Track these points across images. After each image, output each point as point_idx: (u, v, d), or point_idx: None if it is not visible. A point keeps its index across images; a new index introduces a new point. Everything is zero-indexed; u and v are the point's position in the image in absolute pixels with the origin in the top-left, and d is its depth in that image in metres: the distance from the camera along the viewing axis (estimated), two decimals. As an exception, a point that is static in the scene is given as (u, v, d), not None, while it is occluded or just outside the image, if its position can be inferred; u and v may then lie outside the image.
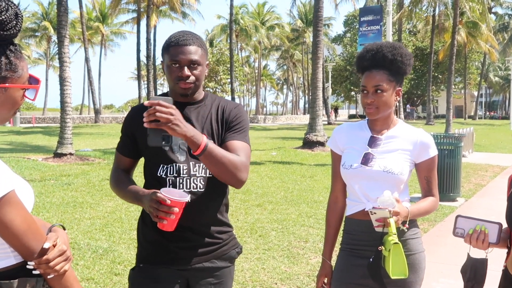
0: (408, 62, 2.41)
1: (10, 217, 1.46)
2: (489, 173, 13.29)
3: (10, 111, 1.62)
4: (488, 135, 29.01)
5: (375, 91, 2.36)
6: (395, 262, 2.14)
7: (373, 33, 20.08)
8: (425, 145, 2.42)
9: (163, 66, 2.30)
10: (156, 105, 1.89)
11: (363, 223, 2.38)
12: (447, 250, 5.87)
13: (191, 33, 2.27)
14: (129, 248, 5.79)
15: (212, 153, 2.03)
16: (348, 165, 2.42)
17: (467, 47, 49.21)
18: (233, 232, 2.42)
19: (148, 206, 2.07)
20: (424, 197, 2.48)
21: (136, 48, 38.65)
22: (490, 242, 2.10)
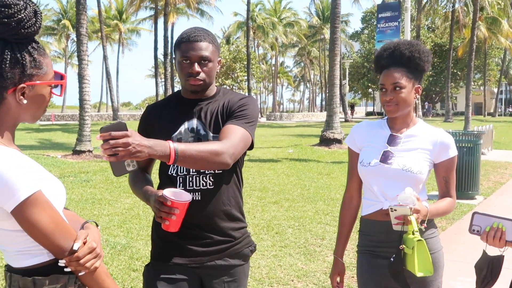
0: (426, 59, 2.39)
1: (38, 217, 1.49)
2: (508, 171, 13.12)
3: (40, 108, 1.65)
4: (508, 133, 28.61)
5: (393, 88, 2.34)
6: (420, 260, 2.11)
7: (391, 29, 19.95)
8: (445, 145, 2.40)
9: (175, 63, 2.30)
10: (108, 137, 1.67)
11: (381, 224, 2.36)
12: (465, 248, 5.82)
13: (203, 29, 2.27)
14: (146, 244, 5.84)
15: (186, 154, 1.90)
16: (367, 163, 2.40)
17: (487, 43, 48.57)
18: (247, 229, 2.41)
19: (152, 207, 2.10)
20: (441, 198, 2.46)
21: (154, 46, 38.83)
22: (507, 240, 2.07)
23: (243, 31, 61.76)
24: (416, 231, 2.12)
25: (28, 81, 1.57)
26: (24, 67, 1.56)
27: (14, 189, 1.45)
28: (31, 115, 1.64)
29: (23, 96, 1.58)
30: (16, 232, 1.53)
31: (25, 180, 1.47)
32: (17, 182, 1.45)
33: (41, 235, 1.51)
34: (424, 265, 2.12)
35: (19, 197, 1.45)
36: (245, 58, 40.43)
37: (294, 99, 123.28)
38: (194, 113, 2.29)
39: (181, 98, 2.34)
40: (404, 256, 2.19)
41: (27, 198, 1.46)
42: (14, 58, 1.54)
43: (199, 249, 2.26)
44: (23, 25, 1.53)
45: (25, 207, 1.47)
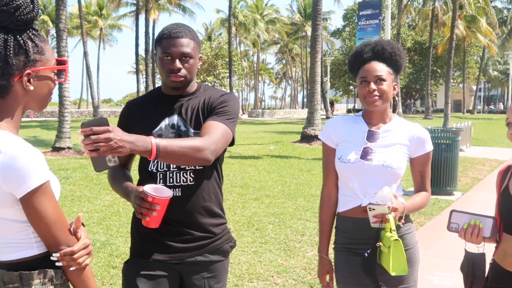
0: (404, 58, 2.44)
1: (45, 206, 1.53)
2: (486, 167, 13.32)
3: (46, 96, 1.67)
4: (486, 130, 29.02)
5: (376, 80, 2.35)
6: (395, 259, 2.13)
7: (372, 27, 20.07)
8: (422, 140, 2.42)
9: (156, 59, 2.29)
10: (89, 132, 1.65)
11: (359, 221, 2.35)
12: (443, 244, 5.90)
13: (184, 26, 2.26)
14: (126, 241, 5.81)
15: (168, 150, 1.89)
16: (346, 159, 2.38)
17: (466, 41, 49.17)
18: (226, 225, 2.41)
19: (132, 203, 2.09)
20: (417, 192, 2.48)
21: (135, 42, 38.58)
22: (484, 237, 2.11)
23: (225, 27, 61.63)
24: (393, 230, 2.14)
25: (33, 67, 1.59)
26: (28, 53, 1.57)
27: (26, 176, 1.48)
28: (37, 103, 1.66)
29: (29, 83, 1.59)
30: (14, 223, 1.55)
31: (38, 168, 1.50)
32: (30, 170, 1.48)
33: (43, 225, 1.54)
34: (399, 265, 2.14)
35: (31, 184, 1.49)
36: (227, 55, 40.35)
37: (276, 96, 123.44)
38: (174, 109, 2.29)
39: (162, 94, 2.34)
40: (380, 253, 2.21)
41: (39, 186, 1.50)
42: (17, 45, 1.56)
43: (179, 245, 2.26)
44: (21, 11, 1.55)
45: (35, 195, 1.50)
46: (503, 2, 62.89)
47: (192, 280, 2.29)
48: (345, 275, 2.44)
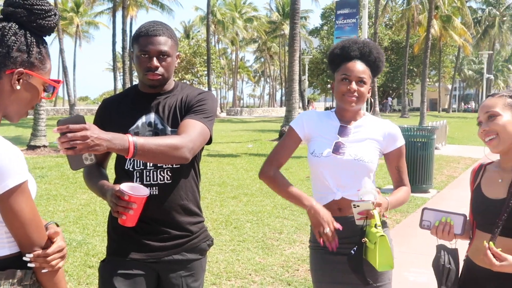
0: (384, 63, 2.51)
1: (22, 206, 1.50)
2: (461, 165, 13.54)
3: (28, 104, 1.63)
4: (461, 128, 29.48)
5: (358, 81, 2.40)
6: (382, 255, 2.15)
7: (349, 26, 20.18)
8: (393, 136, 2.48)
9: (132, 57, 2.28)
10: (66, 130, 1.64)
11: (337, 219, 2.36)
12: (419, 241, 5.98)
13: (161, 24, 2.26)
14: (103, 240, 5.76)
15: (145, 148, 1.88)
16: (319, 153, 2.43)
17: (442, 41, 49.83)
18: (204, 224, 2.42)
19: (109, 201, 2.08)
20: (396, 187, 2.53)
21: (112, 39, 38.19)
22: (455, 233, 2.15)
23: (204, 25, 61.45)
24: (378, 225, 2.17)
25: (28, 69, 1.58)
26: (30, 54, 1.57)
27: (4, 175, 1.45)
28: (16, 109, 1.61)
29: (17, 82, 1.57)
30: None
31: (16, 167, 1.48)
32: (8, 168, 1.45)
33: (19, 225, 1.51)
34: (386, 260, 2.17)
35: (9, 183, 1.46)
36: (205, 52, 40.21)
37: (255, 94, 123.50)
38: (152, 107, 2.28)
39: (139, 92, 2.33)
40: (366, 249, 2.23)
41: (17, 186, 1.48)
42: (24, 43, 1.56)
43: (156, 244, 2.25)
44: (43, 16, 1.58)
45: (13, 194, 1.47)
46: (478, 3, 63.98)
47: (170, 279, 2.28)
48: (321, 273, 2.46)
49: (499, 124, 2.06)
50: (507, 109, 2.07)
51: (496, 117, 2.07)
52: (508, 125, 2.06)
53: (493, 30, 61.08)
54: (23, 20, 1.56)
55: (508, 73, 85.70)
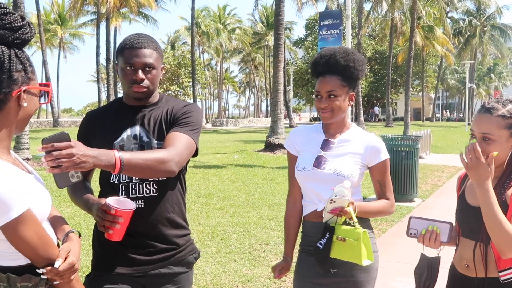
0: (360, 67, 2.45)
1: (24, 233, 1.56)
2: (445, 174, 13.65)
3: (28, 117, 1.71)
4: (445, 137, 29.77)
5: (328, 96, 2.41)
6: (366, 249, 2.19)
7: (332, 37, 20.33)
8: (376, 149, 2.48)
9: (117, 69, 2.28)
10: (51, 148, 1.62)
11: (317, 225, 2.41)
12: (405, 250, 6.00)
13: (146, 36, 2.26)
14: (88, 254, 5.69)
15: (132, 163, 1.87)
16: (302, 167, 2.48)
17: (425, 51, 50.43)
18: (190, 236, 2.41)
19: (95, 215, 2.06)
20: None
21: (96, 51, 38.10)
22: (441, 241, 2.17)
23: (189, 36, 61.48)
24: (355, 222, 2.21)
25: (27, 85, 1.66)
26: (26, 70, 1.65)
27: (6, 207, 1.50)
28: (23, 122, 1.70)
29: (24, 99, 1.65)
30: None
31: (17, 197, 1.53)
32: (9, 200, 1.50)
33: (25, 248, 1.58)
34: (369, 254, 2.20)
35: (11, 215, 1.51)
36: (190, 64, 40.22)
37: (240, 105, 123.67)
38: (137, 120, 2.27)
39: (123, 105, 2.32)
40: (332, 245, 2.25)
41: (18, 217, 1.53)
42: (19, 62, 1.63)
43: (142, 257, 2.23)
44: (23, 31, 1.63)
45: (14, 224, 1.53)
46: (459, 13, 64.83)
47: None
48: (301, 273, 2.52)
49: (491, 149, 2.04)
50: (503, 130, 2.05)
51: (491, 142, 2.05)
52: (500, 149, 2.05)
53: (474, 40, 61.89)
54: (8, 40, 1.61)
55: (489, 82, 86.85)
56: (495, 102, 2.10)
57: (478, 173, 1.97)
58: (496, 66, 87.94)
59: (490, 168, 1.97)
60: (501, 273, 2.06)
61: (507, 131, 2.05)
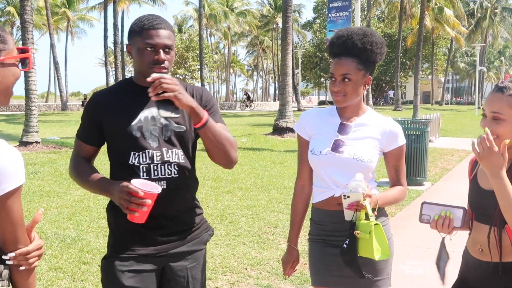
0: (378, 50, 2.37)
1: (16, 207, 1.53)
2: (455, 158, 13.57)
3: (12, 84, 1.64)
4: (454, 120, 29.60)
5: (342, 79, 2.33)
6: (378, 243, 2.14)
7: (342, 19, 20.18)
8: (394, 134, 2.42)
9: (129, 50, 2.24)
10: (160, 78, 1.98)
11: (333, 213, 2.36)
12: (414, 233, 5.98)
13: (162, 18, 2.24)
14: (97, 236, 5.73)
15: (212, 127, 2.11)
16: (318, 151, 2.39)
17: (435, 34, 49.91)
18: (203, 215, 2.42)
19: (118, 198, 2.03)
20: (392, 186, 2.49)
21: (104, 34, 38.02)
22: (455, 226, 2.13)
23: (195, 20, 61.19)
24: (371, 215, 2.14)
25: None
26: None
27: (5, 178, 1.48)
28: (3, 94, 1.63)
29: None
30: None
31: (16, 170, 1.51)
32: (8, 171, 1.48)
33: (10, 224, 1.54)
34: (382, 249, 2.15)
35: (8, 186, 1.49)
36: (198, 47, 40.06)
37: (248, 88, 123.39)
38: (152, 102, 2.22)
39: (136, 86, 2.26)
40: (357, 242, 2.20)
41: (15, 189, 1.51)
42: None
43: (163, 238, 2.24)
44: None
45: (10, 197, 1.50)
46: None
47: (175, 272, 2.27)
48: (318, 265, 2.45)
49: (501, 129, 2.00)
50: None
51: (501, 121, 2.02)
52: (510, 130, 2.00)
53: (485, 22, 61.26)
54: None
55: (500, 65, 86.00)
56: (509, 81, 2.05)
57: (492, 163, 1.92)
58: (506, 49, 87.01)
59: (504, 157, 1.91)
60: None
61: None
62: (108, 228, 2.35)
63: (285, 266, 2.61)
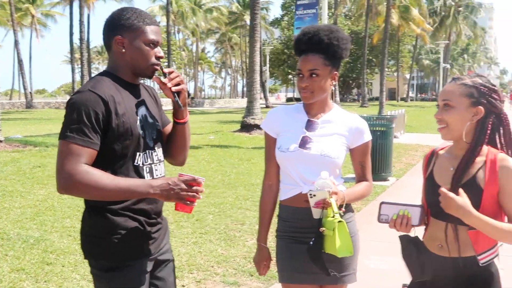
0: (344, 46, 2.39)
1: None
2: (419, 153, 13.82)
3: None
4: (419, 117, 30.10)
5: (310, 75, 2.35)
6: (341, 241, 2.16)
7: (309, 16, 20.27)
8: (360, 131, 2.45)
9: (121, 43, 2.11)
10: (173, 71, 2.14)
11: (301, 210, 2.38)
12: (379, 228, 6.04)
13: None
14: (62, 236, 5.64)
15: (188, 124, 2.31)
16: (285, 148, 2.40)
17: (400, 31, 50.66)
18: None
19: (175, 191, 1.97)
20: (358, 182, 2.52)
21: (69, 31, 37.33)
22: (413, 225, 2.16)
23: (162, 16, 60.59)
24: (336, 213, 2.16)
25: None
26: None
27: None
28: None
29: None
30: None
31: None
32: None
33: None
34: (345, 246, 2.17)
35: None
36: (166, 44, 39.71)
37: (216, 85, 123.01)
38: (142, 100, 2.22)
39: (124, 82, 2.16)
40: (323, 239, 2.22)
41: None
42: None
43: (161, 236, 2.28)
44: None
45: None
46: (434, -7, 65.18)
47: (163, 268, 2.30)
48: (286, 262, 2.46)
49: (450, 116, 2.09)
50: (463, 98, 2.07)
51: (450, 108, 2.09)
52: (459, 118, 2.08)
53: (449, 20, 62.42)
54: None
55: (463, 63, 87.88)
56: (464, 75, 2.16)
57: (456, 208, 1.99)
58: (469, 46, 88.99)
59: (462, 196, 1.99)
60: (480, 256, 2.07)
61: (467, 99, 2.07)
62: (71, 229, 2.32)
63: (258, 265, 2.62)
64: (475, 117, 2.08)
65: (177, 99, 2.17)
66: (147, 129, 2.16)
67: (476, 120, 2.08)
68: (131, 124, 2.07)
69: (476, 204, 2.02)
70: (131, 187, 1.97)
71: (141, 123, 2.13)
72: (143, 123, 2.14)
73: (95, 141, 1.99)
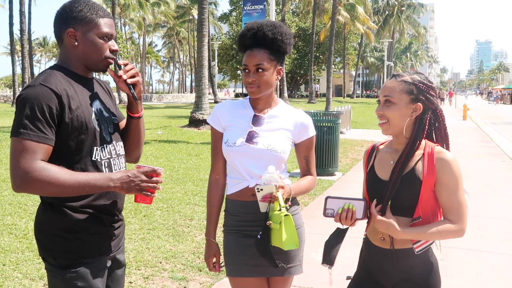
0: (288, 41, 2.44)
1: None
2: (364, 148, 14.11)
3: None
4: (365, 113, 30.77)
5: (256, 70, 2.38)
6: (287, 234, 2.19)
7: (257, 12, 20.38)
8: (305, 126, 2.50)
9: (73, 35, 2.06)
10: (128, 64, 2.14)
11: (248, 204, 2.40)
12: (325, 222, 6.16)
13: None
14: (2, 234, 5.44)
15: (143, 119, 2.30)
16: (232, 143, 2.42)
17: (346, 29, 51.58)
18: None
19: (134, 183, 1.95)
20: (303, 176, 2.57)
21: (9, 21, 35.89)
22: (357, 218, 2.22)
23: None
24: (282, 207, 2.20)
25: None
26: None
27: None
28: None
29: None
30: None
31: None
32: None
33: None
34: (291, 239, 2.21)
35: None
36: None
37: (164, 80, 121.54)
38: (96, 93, 2.18)
39: (78, 76, 2.10)
40: (270, 232, 2.25)
41: None
42: None
43: (120, 233, 2.25)
44: None
45: None
46: (378, -8, 66.71)
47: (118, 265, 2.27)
48: (234, 256, 2.48)
49: (391, 112, 2.17)
50: (403, 95, 2.16)
51: (391, 104, 2.17)
52: (399, 114, 2.16)
53: (392, 19, 64.08)
54: None
55: (406, 61, 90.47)
56: (404, 72, 2.24)
57: (386, 229, 2.15)
58: (411, 44, 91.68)
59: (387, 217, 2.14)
60: (415, 245, 2.17)
61: (407, 96, 2.16)
62: (13, 227, 2.26)
63: (207, 261, 2.62)
64: (414, 113, 2.17)
65: (133, 91, 2.15)
66: (103, 123, 2.12)
67: (415, 116, 2.17)
68: (85, 118, 2.02)
69: (415, 195, 2.11)
70: (91, 181, 1.93)
71: (97, 117, 2.10)
72: (98, 117, 2.11)
73: (50, 136, 1.93)
